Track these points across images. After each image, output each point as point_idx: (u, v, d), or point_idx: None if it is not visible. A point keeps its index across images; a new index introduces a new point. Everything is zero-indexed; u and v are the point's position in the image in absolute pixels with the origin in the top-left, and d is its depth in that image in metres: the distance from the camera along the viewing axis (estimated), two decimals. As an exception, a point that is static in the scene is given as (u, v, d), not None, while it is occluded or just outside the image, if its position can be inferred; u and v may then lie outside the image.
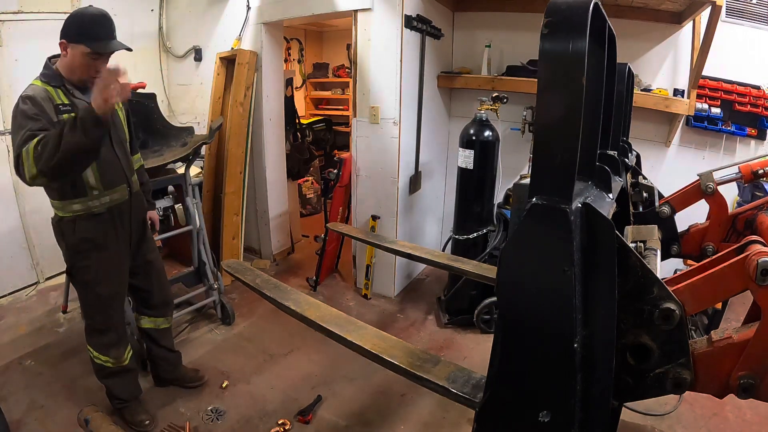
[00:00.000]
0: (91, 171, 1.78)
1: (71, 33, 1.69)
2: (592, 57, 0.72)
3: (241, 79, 3.34)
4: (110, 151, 1.83)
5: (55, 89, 1.72)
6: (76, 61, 1.70)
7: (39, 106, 1.63)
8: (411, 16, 2.85)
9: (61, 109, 1.68)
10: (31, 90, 1.70)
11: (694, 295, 0.75)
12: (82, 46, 1.67)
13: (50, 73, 1.75)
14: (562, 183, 0.68)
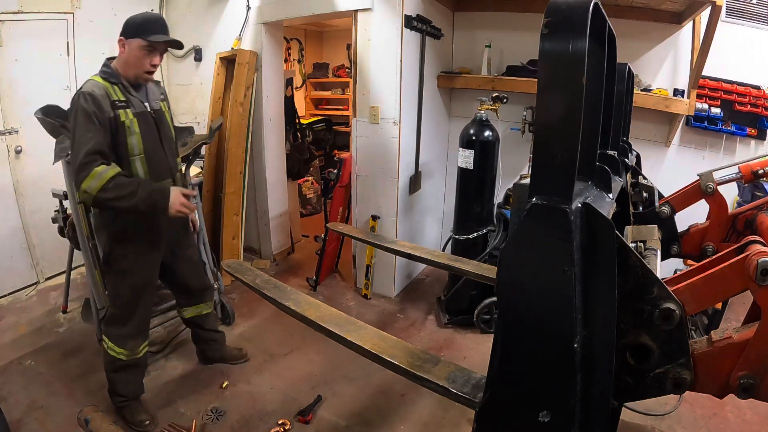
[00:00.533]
0: (141, 164, 1.90)
1: (129, 30, 1.85)
2: (592, 57, 0.72)
3: (241, 79, 3.34)
4: (159, 148, 1.97)
5: (112, 86, 1.84)
6: (132, 54, 1.84)
7: (97, 104, 1.75)
8: (411, 16, 2.85)
9: (118, 105, 1.81)
10: (91, 86, 1.80)
11: (694, 295, 0.75)
12: (138, 39, 1.83)
13: (109, 71, 1.87)
14: (562, 183, 0.68)
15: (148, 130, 1.91)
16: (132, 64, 1.85)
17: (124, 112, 1.82)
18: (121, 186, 1.73)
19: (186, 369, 2.49)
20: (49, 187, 2.79)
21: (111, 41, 3.60)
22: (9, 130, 3.14)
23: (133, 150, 1.86)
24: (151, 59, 1.87)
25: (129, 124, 1.83)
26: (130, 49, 1.84)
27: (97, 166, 1.71)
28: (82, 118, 1.73)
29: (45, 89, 3.19)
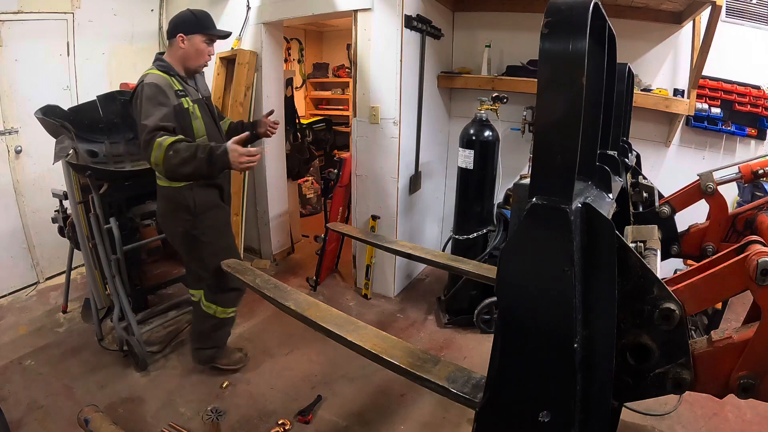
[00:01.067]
0: None
1: (188, 27, 2.04)
2: (592, 57, 0.72)
3: (241, 79, 3.34)
4: (216, 130, 2.20)
5: (170, 77, 2.03)
6: (194, 48, 2.05)
7: (161, 91, 1.94)
8: (411, 16, 2.85)
9: (179, 94, 2.02)
10: (153, 77, 1.98)
11: (694, 295, 0.75)
12: (198, 35, 2.03)
13: (165, 65, 2.06)
14: (562, 183, 0.68)
15: (206, 115, 2.15)
16: (194, 56, 2.07)
17: (186, 100, 2.03)
18: (180, 150, 1.82)
19: (186, 369, 2.49)
20: (49, 187, 2.79)
21: (111, 41, 3.67)
22: (9, 130, 3.14)
23: (198, 132, 2.08)
24: (210, 50, 2.11)
25: (192, 110, 2.05)
26: (192, 43, 2.04)
27: (158, 138, 1.84)
28: (146, 104, 1.89)
29: (45, 89, 3.19)
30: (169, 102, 1.94)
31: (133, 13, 3.79)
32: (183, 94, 2.03)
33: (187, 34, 2.02)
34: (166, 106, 1.92)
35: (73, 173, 2.41)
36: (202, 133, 2.10)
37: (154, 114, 1.87)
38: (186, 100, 2.03)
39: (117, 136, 2.81)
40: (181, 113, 1.99)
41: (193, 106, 2.06)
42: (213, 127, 2.19)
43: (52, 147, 2.25)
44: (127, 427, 1.99)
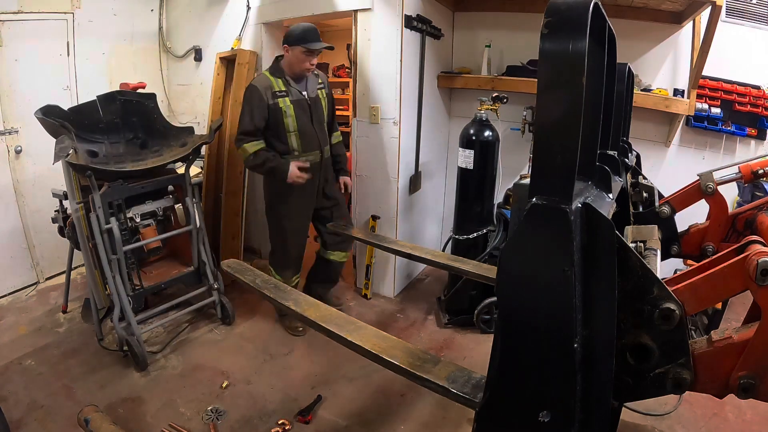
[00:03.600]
0: (295, 139, 2.56)
1: (291, 40, 2.43)
2: (592, 57, 0.72)
3: (241, 79, 3.34)
4: (310, 127, 2.60)
5: (276, 79, 2.52)
6: (295, 58, 2.46)
7: (258, 94, 2.45)
8: (411, 16, 2.85)
9: (277, 94, 2.48)
10: (258, 79, 2.53)
11: (694, 295, 0.75)
12: (299, 47, 2.41)
13: (276, 67, 2.56)
14: (562, 183, 0.68)
15: (302, 114, 2.54)
16: (295, 64, 2.48)
17: (282, 100, 2.48)
18: (257, 158, 2.48)
19: (186, 369, 2.49)
20: (49, 187, 2.79)
21: (111, 41, 3.68)
22: (9, 130, 3.14)
23: (288, 128, 2.52)
24: (309, 60, 2.46)
25: (285, 109, 2.48)
26: (294, 54, 2.45)
27: (246, 143, 2.48)
28: (246, 104, 2.48)
29: (45, 89, 3.19)
30: (263, 103, 2.44)
31: (133, 13, 3.79)
32: (282, 95, 2.49)
33: (291, 45, 2.43)
34: (258, 108, 2.44)
35: (73, 173, 2.41)
36: (293, 128, 2.52)
37: (245, 118, 2.46)
38: (283, 101, 2.48)
39: (117, 136, 2.80)
40: (275, 111, 2.47)
41: (288, 106, 2.48)
42: (307, 125, 2.57)
43: (52, 147, 2.24)
44: (127, 427, 1.99)
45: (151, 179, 2.62)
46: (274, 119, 2.49)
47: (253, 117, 2.45)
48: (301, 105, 2.54)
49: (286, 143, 2.55)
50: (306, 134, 2.57)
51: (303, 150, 2.58)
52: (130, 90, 3.12)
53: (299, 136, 2.55)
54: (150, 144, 2.86)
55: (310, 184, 2.61)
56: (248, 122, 2.46)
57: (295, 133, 2.54)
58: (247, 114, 2.46)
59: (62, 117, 2.47)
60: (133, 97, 2.86)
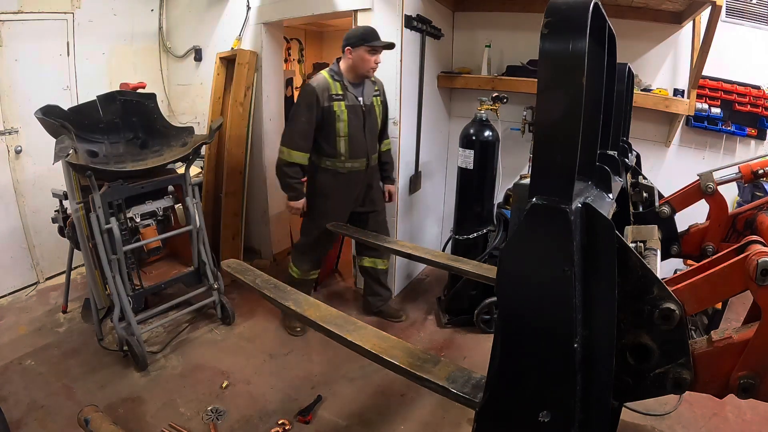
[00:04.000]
0: (344, 144, 2.54)
1: (353, 41, 2.43)
2: (592, 57, 0.72)
3: (241, 79, 3.34)
4: (361, 134, 2.57)
5: (334, 82, 2.48)
6: (359, 58, 2.44)
7: (315, 95, 2.41)
8: (411, 16, 2.85)
9: (333, 97, 2.46)
10: (316, 80, 2.48)
11: (694, 295, 0.75)
12: (363, 46, 2.41)
13: (336, 70, 2.52)
14: (562, 183, 0.68)
15: (355, 120, 2.52)
16: (359, 65, 2.45)
17: (338, 104, 2.46)
18: (288, 170, 2.51)
19: (186, 369, 2.49)
20: (49, 187, 2.79)
21: (111, 41, 3.68)
22: (9, 130, 3.14)
23: (339, 132, 2.50)
24: (374, 59, 2.46)
25: (339, 113, 2.46)
26: (357, 54, 2.43)
27: (295, 150, 2.46)
28: (302, 103, 2.45)
29: (45, 89, 3.19)
30: (318, 104, 2.42)
31: (133, 13, 3.79)
32: (338, 98, 2.46)
33: (354, 47, 2.43)
34: (311, 111, 2.42)
35: (73, 173, 2.41)
36: (343, 133, 2.50)
37: (300, 119, 2.44)
38: (338, 104, 2.46)
39: (117, 136, 2.80)
40: (328, 115, 2.45)
41: (342, 111, 2.46)
42: (359, 130, 2.55)
43: (52, 147, 2.24)
44: (127, 427, 1.99)
45: (151, 179, 2.62)
46: (326, 121, 2.47)
47: (308, 120, 2.43)
48: (356, 111, 2.52)
49: (335, 147, 2.53)
50: (355, 141, 2.55)
51: (350, 156, 2.56)
52: (130, 90, 3.13)
53: (348, 141, 2.53)
54: (150, 144, 2.86)
55: (353, 189, 2.65)
56: (303, 123, 2.44)
57: (345, 138, 2.52)
58: (302, 114, 2.44)
59: (62, 117, 2.46)
60: (133, 97, 2.86)
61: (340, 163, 2.56)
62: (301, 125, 2.44)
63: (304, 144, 2.48)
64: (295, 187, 2.55)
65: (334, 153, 2.55)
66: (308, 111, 2.42)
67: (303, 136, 2.46)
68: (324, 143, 2.53)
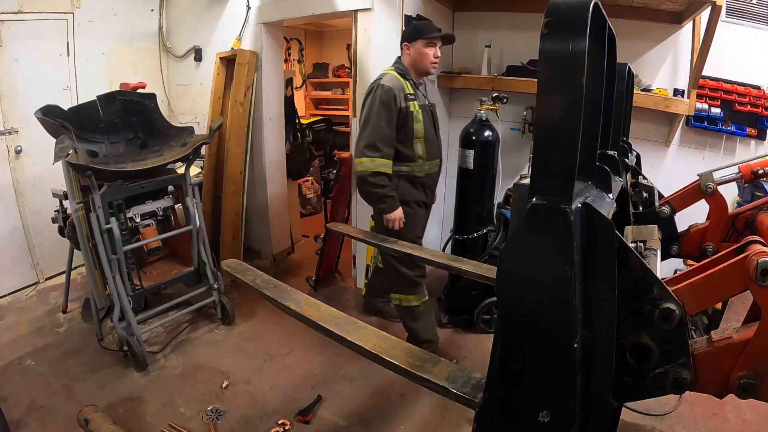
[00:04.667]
0: (420, 146, 2.36)
1: (409, 36, 2.32)
2: (592, 57, 0.72)
3: (241, 79, 3.34)
4: (433, 134, 2.44)
5: (405, 80, 2.32)
6: (418, 53, 2.30)
7: (393, 96, 2.22)
8: (411, 16, 2.85)
9: (408, 97, 2.28)
10: (389, 80, 2.26)
11: (694, 295, 0.75)
12: (421, 40, 2.28)
13: (403, 68, 2.35)
14: (562, 183, 0.68)
15: (427, 120, 2.37)
16: (419, 61, 2.31)
17: (413, 104, 2.29)
18: (374, 180, 2.24)
19: (186, 369, 2.49)
20: (49, 187, 2.80)
21: (111, 41, 3.68)
22: (9, 130, 3.14)
23: (417, 134, 2.33)
24: (434, 52, 2.31)
25: (416, 114, 2.30)
26: (415, 49, 2.30)
27: (379, 157, 2.21)
28: (380, 106, 2.21)
29: (45, 89, 3.19)
30: (397, 106, 2.23)
31: (133, 13, 3.79)
32: (412, 98, 2.30)
33: (411, 42, 2.31)
34: (390, 114, 2.21)
35: (73, 173, 2.41)
36: (420, 135, 2.33)
37: (380, 123, 2.20)
38: (413, 104, 2.29)
39: (117, 136, 2.80)
40: (406, 116, 2.27)
41: (417, 111, 2.30)
42: (432, 132, 2.42)
43: (52, 147, 2.24)
44: (127, 427, 1.99)
45: (151, 179, 2.62)
46: (403, 124, 2.29)
47: (388, 124, 2.22)
48: (425, 110, 2.38)
49: (412, 150, 2.35)
50: (430, 141, 2.41)
51: (427, 158, 2.40)
52: (130, 90, 3.13)
53: (425, 142, 2.38)
54: (150, 144, 2.86)
55: (429, 193, 2.51)
56: (384, 127, 2.21)
57: (422, 139, 2.35)
58: (383, 118, 2.21)
59: (62, 117, 2.47)
60: (133, 97, 2.86)
61: (417, 166, 2.39)
62: (382, 130, 2.21)
63: (388, 150, 2.25)
64: (388, 195, 2.27)
65: (411, 156, 2.36)
66: (387, 113, 2.21)
67: (386, 142, 2.23)
68: (401, 147, 2.33)
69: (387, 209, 2.29)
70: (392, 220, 2.31)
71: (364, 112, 2.27)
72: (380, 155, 2.22)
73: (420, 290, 2.51)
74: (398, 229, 2.32)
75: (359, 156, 2.25)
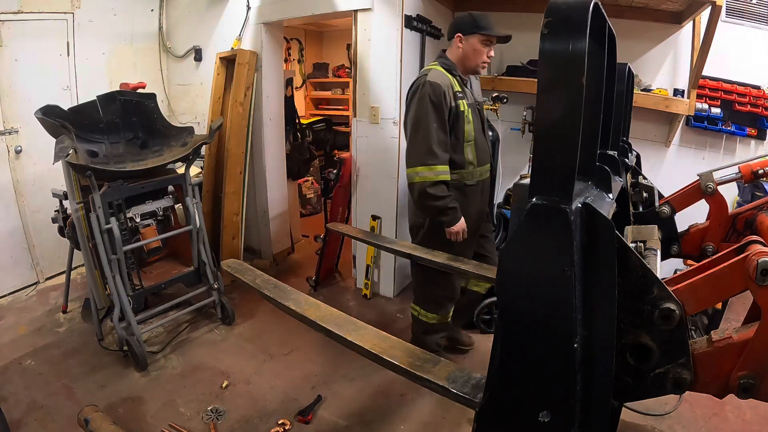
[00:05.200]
0: (471, 150, 2.12)
1: (466, 27, 2.06)
2: (592, 57, 0.72)
3: (241, 79, 3.34)
4: (482, 137, 2.20)
5: (453, 77, 2.07)
6: (472, 48, 2.07)
7: (442, 94, 1.96)
8: (411, 16, 2.85)
9: (458, 96, 2.04)
10: (435, 76, 2.00)
11: (694, 295, 0.75)
12: (476, 35, 2.05)
13: (449, 63, 2.10)
14: (562, 183, 0.68)
15: (476, 120, 2.14)
16: (471, 57, 2.08)
17: (463, 103, 2.05)
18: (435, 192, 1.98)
19: (186, 369, 2.49)
20: (49, 187, 2.79)
21: (111, 41, 3.68)
22: (9, 130, 3.14)
23: (468, 136, 2.08)
24: (488, 51, 2.09)
25: (466, 114, 2.06)
26: (470, 44, 2.06)
27: (437, 164, 1.96)
28: (429, 106, 1.95)
29: (45, 89, 3.19)
30: (446, 104, 1.98)
31: (133, 13, 3.79)
32: (461, 96, 2.06)
33: (465, 34, 2.06)
34: (441, 114, 1.97)
35: (73, 173, 2.41)
36: (471, 138, 2.09)
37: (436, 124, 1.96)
38: (463, 103, 2.05)
39: (117, 136, 2.80)
40: (456, 116, 2.03)
41: (468, 110, 2.07)
42: (481, 133, 2.19)
43: (52, 147, 2.24)
44: (127, 427, 1.99)
45: (151, 179, 2.62)
46: (453, 125, 2.04)
47: (442, 126, 1.97)
48: (474, 109, 2.13)
49: (462, 155, 2.10)
50: (480, 144, 2.16)
51: (478, 163, 2.15)
52: (130, 90, 3.13)
53: (475, 146, 2.13)
54: (150, 144, 2.86)
55: (481, 203, 2.26)
56: (437, 130, 1.96)
57: (472, 142, 2.10)
58: (432, 119, 1.95)
59: (62, 117, 2.47)
60: (133, 97, 2.86)
61: (467, 173, 2.13)
62: (435, 133, 1.96)
63: (445, 156, 1.99)
64: (450, 207, 2.01)
65: (461, 162, 2.11)
66: (438, 114, 1.96)
67: (442, 146, 1.98)
68: (451, 151, 2.07)
69: (450, 221, 2.04)
70: (456, 232, 2.06)
71: (412, 113, 2.01)
72: (438, 162, 1.97)
73: (443, 311, 2.32)
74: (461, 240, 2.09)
75: (415, 165, 1.99)
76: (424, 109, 1.95)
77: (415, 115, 1.99)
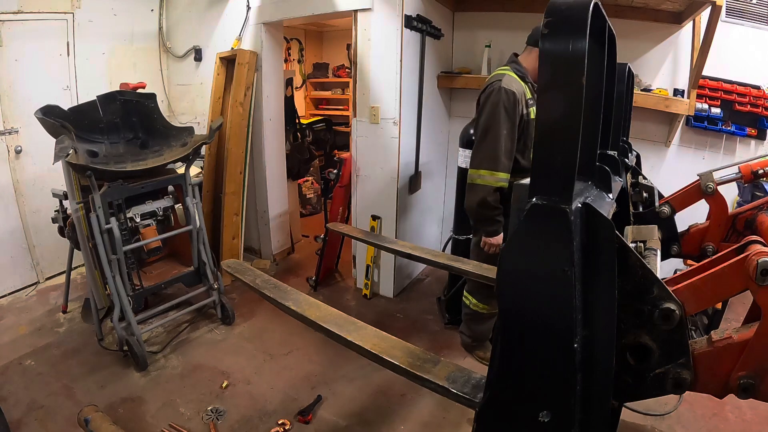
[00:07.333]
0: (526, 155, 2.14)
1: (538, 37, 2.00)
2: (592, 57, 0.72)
3: (241, 79, 3.34)
4: None
5: (525, 84, 2.09)
6: None
7: (516, 101, 2.00)
8: (411, 16, 2.85)
9: (529, 103, 2.07)
10: (509, 82, 2.03)
11: (694, 295, 0.75)
12: None
13: (522, 70, 2.12)
14: (562, 183, 0.68)
15: None
16: None
17: (533, 110, 2.06)
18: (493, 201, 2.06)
19: (186, 369, 2.49)
20: (49, 187, 2.79)
21: (111, 41, 3.68)
22: (9, 130, 3.14)
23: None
24: None
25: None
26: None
27: (500, 171, 2.02)
28: (502, 113, 2.00)
29: (45, 89, 3.19)
30: (518, 111, 2.02)
31: (133, 13, 3.79)
32: (532, 104, 2.08)
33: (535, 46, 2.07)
34: (513, 121, 2.01)
35: (73, 173, 2.41)
36: None
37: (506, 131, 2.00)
38: (533, 111, 2.06)
39: (117, 136, 2.80)
40: (527, 124, 2.07)
41: None
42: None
43: (52, 147, 2.24)
44: (127, 427, 1.99)
45: (151, 179, 2.62)
46: (523, 132, 2.09)
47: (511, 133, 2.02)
48: None
49: (528, 160, 2.14)
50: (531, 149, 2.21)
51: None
52: (130, 90, 3.13)
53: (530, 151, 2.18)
54: (150, 144, 2.86)
55: None
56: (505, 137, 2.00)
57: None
58: (505, 127, 2.00)
59: (62, 117, 2.47)
60: (133, 97, 2.86)
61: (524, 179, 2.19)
62: (504, 141, 2.01)
63: (508, 164, 2.06)
64: (498, 220, 2.12)
65: (524, 168, 2.15)
66: (509, 122, 2.01)
67: (507, 154, 2.04)
68: (519, 157, 2.13)
69: (493, 232, 2.14)
70: (494, 245, 2.16)
71: (484, 117, 2.06)
72: (501, 169, 2.04)
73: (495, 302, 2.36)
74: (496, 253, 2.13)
75: (479, 167, 2.06)
76: (497, 116, 2.00)
77: (487, 120, 2.04)
